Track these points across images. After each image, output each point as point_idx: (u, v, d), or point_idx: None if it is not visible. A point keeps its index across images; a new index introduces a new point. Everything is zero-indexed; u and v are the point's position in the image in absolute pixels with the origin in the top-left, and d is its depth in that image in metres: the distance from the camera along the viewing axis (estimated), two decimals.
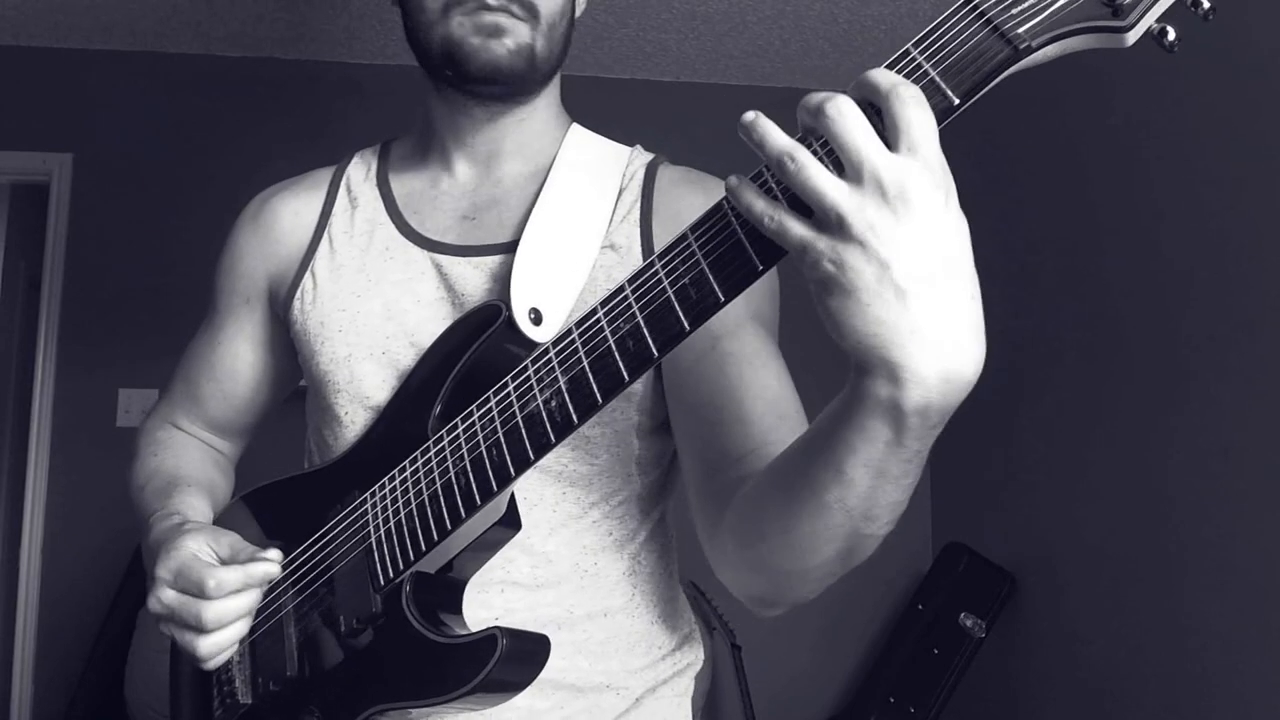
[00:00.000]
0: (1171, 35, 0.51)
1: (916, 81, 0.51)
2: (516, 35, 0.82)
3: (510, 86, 0.86)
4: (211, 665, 0.76)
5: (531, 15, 0.83)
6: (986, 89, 0.51)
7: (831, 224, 0.49)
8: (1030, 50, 0.50)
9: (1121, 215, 2.09)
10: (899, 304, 0.48)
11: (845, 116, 0.48)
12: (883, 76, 0.49)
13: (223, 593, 0.73)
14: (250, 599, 0.75)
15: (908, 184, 0.48)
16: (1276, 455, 1.63)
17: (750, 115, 0.52)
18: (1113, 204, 2.13)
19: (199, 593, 0.73)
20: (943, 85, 0.51)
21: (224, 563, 0.76)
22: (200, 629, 0.73)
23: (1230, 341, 1.75)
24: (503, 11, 0.81)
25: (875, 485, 0.57)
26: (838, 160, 0.50)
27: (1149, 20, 0.50)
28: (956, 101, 0.51)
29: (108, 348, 2.72)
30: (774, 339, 0.85)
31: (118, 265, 2.76)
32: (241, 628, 0.76)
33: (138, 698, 2.09)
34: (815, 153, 0.51)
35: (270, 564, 0.77)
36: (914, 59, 0.51)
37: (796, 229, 0.50)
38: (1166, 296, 1.93)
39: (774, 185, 0.52)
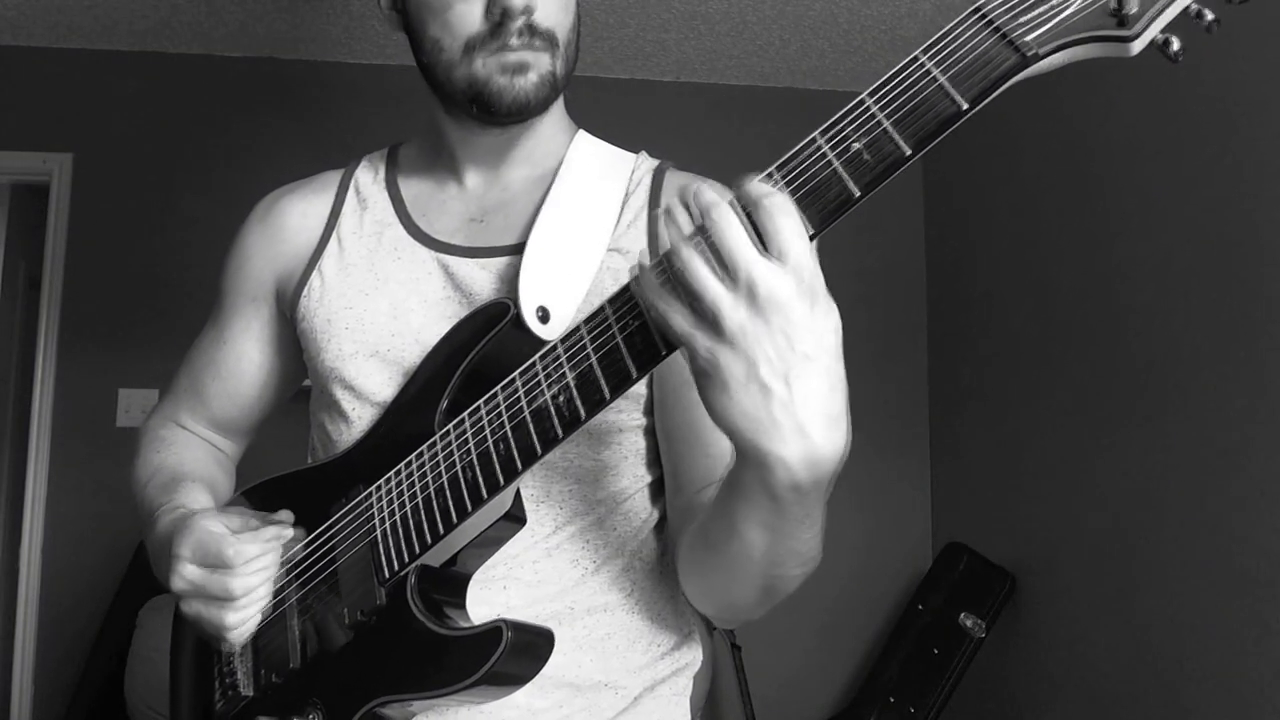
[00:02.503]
0: (1176, 45, 0.52)
1: (925, 87, 0.52)
2: (539, 68, 0.82)
3: (535, 115, 0.86)
4: (238, 638, 0.77)
5: (551, 44, 0.82)
6: (994, 95, 0.52)
7: (709, 321, 0.54)
8: (1038, 58, 0.51)
9: (1125, 215, 2.10)
10: (763, 399, 0.54)
11: (727, 224, 0.53)
12: (753, 189, 0.54)
13: (243, 559, 0.74)
14: (271, 561, 0.76)
15: (776, 290, 0.53)
16: (1276, 456, 1.63)
17: (667, 204, 0.57)
18: (1116, 204, 2.14)
19: (221, 563, 0.74)
20: (951, 90, 0.52)
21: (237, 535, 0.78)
22: (229, 597, 0.74)
23: (1231, 342, 1.76)
24: (525, 48, 0.80)
25: (772, 541, 0.65)
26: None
27: (1154, 30, 0.51)
28: (965, 106, 0.52)
29: (108, 348, 2.72)
30: None
31: (118, 265, 2.76)
32: (265, 594, 0.77)
33: (137, 698, 2.10)
34: (705, 251, 0.55)
35: (282, 525, 0.78)
36: (923, 65, 0.53)
37: (679, 322, 0.56)
38: (1168, 297, 1.94)
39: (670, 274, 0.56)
